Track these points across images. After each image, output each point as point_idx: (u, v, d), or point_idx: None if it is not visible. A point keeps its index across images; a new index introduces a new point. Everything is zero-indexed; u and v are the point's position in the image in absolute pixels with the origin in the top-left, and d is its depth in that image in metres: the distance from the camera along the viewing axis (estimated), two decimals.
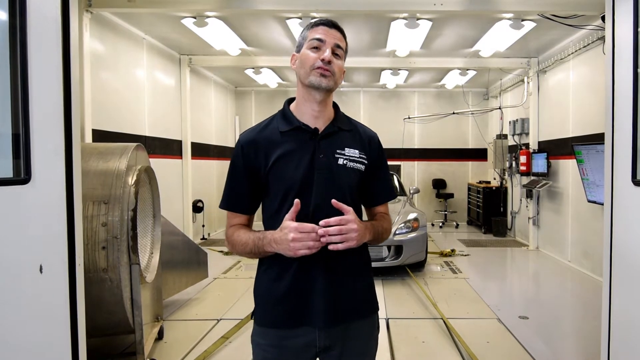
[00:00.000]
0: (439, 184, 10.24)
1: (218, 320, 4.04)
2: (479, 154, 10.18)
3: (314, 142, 1.42)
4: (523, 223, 8.04)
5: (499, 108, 8.97)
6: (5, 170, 1.59)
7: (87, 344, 1.84)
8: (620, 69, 2.03)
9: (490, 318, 4.13)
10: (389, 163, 1.64)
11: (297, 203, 1.31)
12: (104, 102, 5.06)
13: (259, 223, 1.48)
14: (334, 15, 4.86)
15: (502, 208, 8.72)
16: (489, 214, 8.76)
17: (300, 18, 5.18)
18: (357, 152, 1.46)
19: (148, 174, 3.23)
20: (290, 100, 1.53)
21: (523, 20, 5.30)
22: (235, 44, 6.37)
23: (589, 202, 5.23)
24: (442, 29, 5.82)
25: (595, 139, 5.18)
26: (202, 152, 8.05)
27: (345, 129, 1.49)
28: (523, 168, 7.53)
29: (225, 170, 1.49)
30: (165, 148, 6.68)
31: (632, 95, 1.94)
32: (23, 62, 1.55)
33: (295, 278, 1.40)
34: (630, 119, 1.95)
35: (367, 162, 1.48)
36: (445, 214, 10.10)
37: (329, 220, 1.28)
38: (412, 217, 5.66)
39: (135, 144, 3.17)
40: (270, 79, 8.77)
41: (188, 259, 4.38)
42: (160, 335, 3.61)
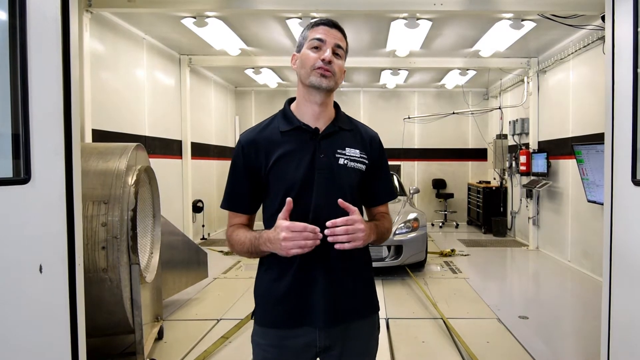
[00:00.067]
0: (439, 184, 10.24)
1: (218, 320, 4.04)
2: (479, 154, 10.18)
3: (315, 142, 1.42)
4: (523, 223, 8.05)
5: (499, 108, 8.98)
6: (5, 170, 1.59)
7: (86, 344, 1.84)
8: (620, 69, 2.03)
9: (490, 318, 4.13)
10: (389, 163, 1.63)
11: (289, 202, 1.30)
12: (104, 102, 5.06)
13: (260, 223, 1.48)
14: (334, 15, 4.86)
15: (502, 208, 8.72)
16: (489, 214, 8.76)
17: (300, 18, 5.18)
18: (357, 152, 1.46)
19: (148, 174, 3.23)
20: (291, 100, 1.53)
21: (523, 20, 5.30)
22: (235, 44, 6.37)
23: (589, 202, 5.23)
24: (442, 29, 5.82)
25: (595, 139, 5.18)
26: (202, 152, 8.05)
27: (346, 129, 1.49)
28: (523, 168, 7.53)
29: (225, 170, 1.50)
30: (165, 148, 6.68)
31: (632, 95, 1.94)
32: (23, 62, 1.54)
33: (296, 278, 1.40)
34: (630, 119, 1.95)
35: (367, 162, 1.48)
36: (445, 214, 10.10)
37: (336, 221, 1.27)
38: (412, 217, 5.66)
39: (135, 144, 3.17)
40: (270, 79, 8.77)
41: (188, 259, 4.38)
42: (160, 335, 3.61)
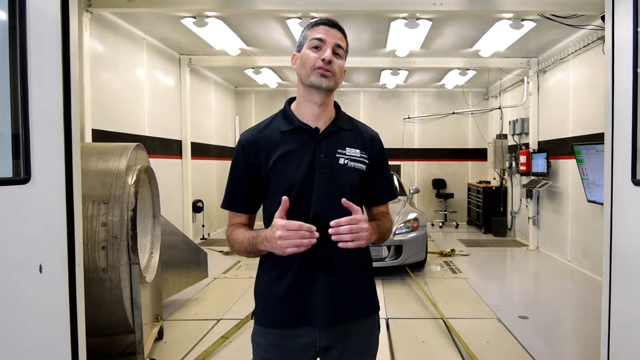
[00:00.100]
0: (439, 184, 10.24)
1: (218, 320, 4.04)
2: (479, 154, 10.18)
3: (315, 141, 1.42)
4: (523, 223, 8.04)
5: (499, 108, 8.98)
6: (5, 170, 1.59)
7: (87, 344, 1.84)
8: (620, 69, 2.03)
9: (490, 318, 4.13)
10: (389, 163, 1.63)
11: (285, 200, 1.30)
12: (104, 102, 5.06)
13: (260, 223, 1.48)
14: (334, 15, 4.85)
15: (502, 208, 8.72)
16: (489, 214, 8.76)
17: (300, 18, 5.19)
18: (358, 151, 1.46)
19: (148, 174, 3.23)
20: (291, 100, 1.53)
21: (523, 20, 5.30)
22: (235, 44, 6.37)
23: (589, 202, 5.23)
24: (442, 29, 5.82)
25: (595, 139, 5.18)
26: (202, 152, 8.05)
27: (347, 129, 1.49)
28: (523, 168, 7.53)
29: (225, 170, 1.50)
30: (165, 148, 6.68)
31: (631, 95, 1.94)
32: (23, 62, 1.54)
33: (296, 278, 1.39)
34: (630, 119, 1.95)
35: (368, 161, 1.48)
36: (445, 214, 10.10)
37: (340, 221, 1.27)
38: (412, 217, 5.66)
39: (135, 144, 3.17)
40: (270, 79, 8.77)
41: (188, 259, 4.38)
42: (160, 335, 3.61)
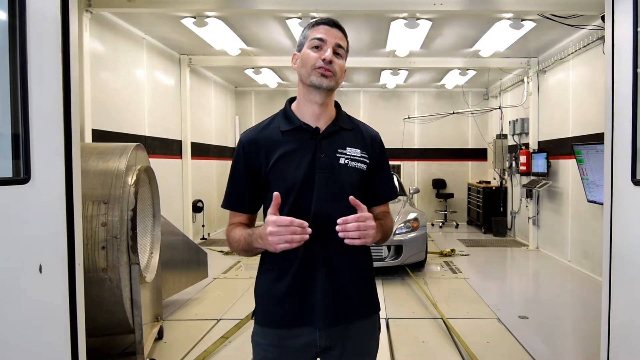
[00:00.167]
0: (439, 184, 10.24)
1: (218, 320, 4.04)
2: (479, 154, 10.18)
3: (315, 141, 1.42)
4: (523, 223, 8.04)
5: (499, 108, 8.98)
6: (5, 170, 1.59)
7: (86, 344, 1.84)
8: (620, 69, 2.03)
9: (490, 318, 4.13)
10: (389, 163, 1.63)
11: (276, 196, 1.29)
12: (104, 102, 5.06)
13: (261, 223, 1.47)
14: (334, 15, 4.85)
15: (502, 208, 8.72)
16: (489, 214, 8.76)
17: (300, 18, 5.19)
18: (358, 151, 1.46)
19: (148, 174, 3.23)
20: (292, 100, 1.52)
21: (523, 20, 5.30)
22: (235, 44, 6.37)
23: (589, 202, 5.23)
24: (442, 29, 5.82)
25: (595, 139, 5.18)
26: (202, 152, 8.04)
27: (347, 128, 1.49)
28: (523, 168, 7.53)
29: (225, 170, 1.50)
30: (165, 148, 6.68)
31: (631, 95, 1.94)
32: (23, 62, 1.54)
33: (296, 278, 1.39)
34: (630, 119, 1.95)
35: (368, 161, 1.47)
36: (445, 214, 10.09)
37: (347, 218, 1.28)
38: (412, 217, 5.66)
39: (135, 144, 3.17)
40: (270, 79, 8.77)
41: (188, 259, 4.38)
42: (160, 335, 3.61)
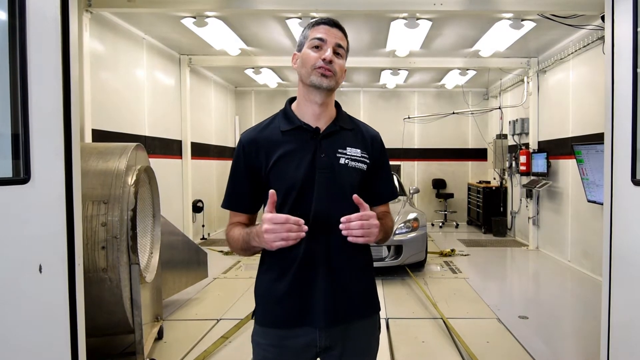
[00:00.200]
0: (439, 184, 10.24)
1: (218, 320, 4.04)
2: (479, 154, 10.18)
3: (316, 141, 1.42)
4: (523, 223, 8.04)
5: (499, 108, 8.97)
6: (5, 170, 1.59)
7: (86, 344, 1.84)
8: (620, 69, 2.03)
9: (490, 318, 4.13)
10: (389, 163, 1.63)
11: (272, 194, 1.29)
12: (104, 102, 5.06)
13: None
14: (334, 15, 4.85)
15: (502, 208, 8.72)
16: (489, 214, 8.76)
17: (300, 18, 5.19)
18: (359, 151, 1.46)
19: (148, 174, 3.23)
20: (292, 100, 1.52)
21: (523, 20, 5.30)
22: (235, 44, 6.37)
23: (589, 202, 5.23)
24: (441, 29, 5.82)
25: (595, 139, 5.18)
26: (202, 152, 8.03)
27: (347, 128, 1.49)
28: (523, 168, 7.53)
29: (225, 170, 1.50)
30: (165, 148, 6.68)
31: (631, 95, 1.94)
32: (22, 62, 1.54)
33: (296, 278, 1.39)
34: (630, 119, 1.95)
35: (369, 161, 1.47)
36: (445, 214, 10.09)
37: (351, 217, 1.28)
38: (412, 217, 5.66)
39: (135, 144, 3.17)
40: (270, 79, 8.77)
41: (188, 259, 4.38)
42: (160, 335, 3.61)
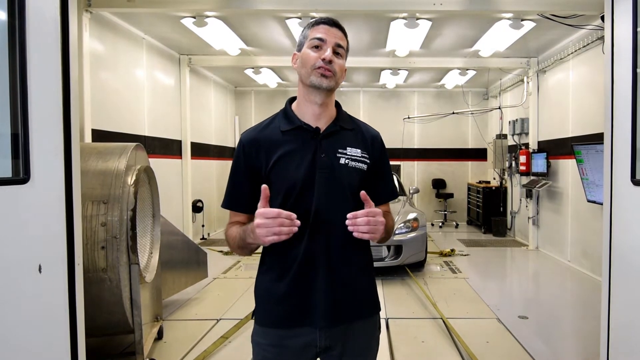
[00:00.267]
0: (439, 184, 10.24)
1: (218, 320, 4.04)
2: (479, 154, 10.18)
3: (316, 141, 1.42)
4: (523, 223, 8.04)
5: (499, 108, 8.98)
6: (5, 170, 1.59)
7: (86, 344, 1.84)
8: (620, 69, 2.03)
9: (490, 318, 4.13)
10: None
11: (264, 189, 1.28)
12: (104, 102, 5.06)
13: None
14: (334, 15, 4.84)
15: (501, 208, 8.72)
16: (489, 214, 8.76)
17: (300, 18, 5.19)
18: (359, 151, 1.45)
19: (147, 174, 3.23)
20: (292, 100, 1.52)
21: (523, 20, 5.30)
22: (235, 44, 6.37)
23: (589, 201, 5.23)
24: (441, 29, 5.82)
25: (595, 139, 5.18)
26: (201, 152, 8.04)
27: (348, 128, 1.49)
28: (523, 168, 7.53)
29: (225, 170, 1.50)
30: (165, 148, 6.68)
31: (631, 95, 1.94)
32: (22, 62, 1.54)
33: (296, 278, 1.39)
34: (630, 119, 1.95)
35: (369, 161, 1.47)
36: (445, 214, 10.09)
37: (357, 213, 1.28)
38: (411, 217, 5.66)
39: (135, 144, 3.17)
40: (270, 79, 8.77)
41: (188, 259, 4.38)
42: (160, 335, 3.61)
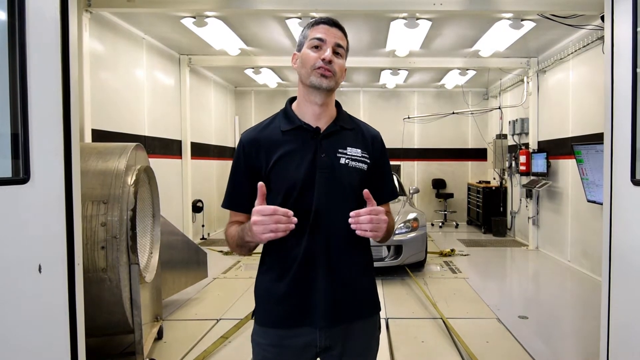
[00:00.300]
0: (439, 184, 10.24)
1: (217, 320, 4.04)
2: (479, 154, 10.18)
3: (316, 141, 1.41)
4: (523, 223, 8.04)
5: (499, 108, 8.98)
6: (4, 170, 1.59)
7: (86, 344, 1.84)
8: (620, 69, 2.03)
9: (490, 318, 4.13)
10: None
11: (261, 186, 1.28)
12: (104, 102, 5.06)
13: None
14: (334, 15, 4.84)
15: (501, 208, 8.72)
16: (489, 214, 8.76)
17: (300, 18, 5.19)
18: (359, 151, 1.45)
19: (147, 174, 3.23)
20: (293, 99, 1.52)
21: (523, 20, 5.30)
22: (235, 44, 6.37)
23: (589, 201, 5.23)
24: (441, 29, 5.82)
25: (595, 139, 5.18)
26: (201, 152, 8.04)
27: (348, 128, 1.49)
28: (523, 168, 7.53)
29: (225, 170, 1.50)
30: (165, 148, 6.68)
31: (631, 95, 1.94)
32: (22, 62, 1.54)
33: (297, 278, 1.39)
34: (629, 119, 1.95)
35: (369, 161, 1.47)
36: (445, 214, 10.09)
37: (360, 211, 1.28)
38: (411, 217, 5.66)
39: (135, 144, 3.17)
40: (270, 79, 8.77)
41: (187, 259, 4.38)
42: (160, 335, 3.61)
